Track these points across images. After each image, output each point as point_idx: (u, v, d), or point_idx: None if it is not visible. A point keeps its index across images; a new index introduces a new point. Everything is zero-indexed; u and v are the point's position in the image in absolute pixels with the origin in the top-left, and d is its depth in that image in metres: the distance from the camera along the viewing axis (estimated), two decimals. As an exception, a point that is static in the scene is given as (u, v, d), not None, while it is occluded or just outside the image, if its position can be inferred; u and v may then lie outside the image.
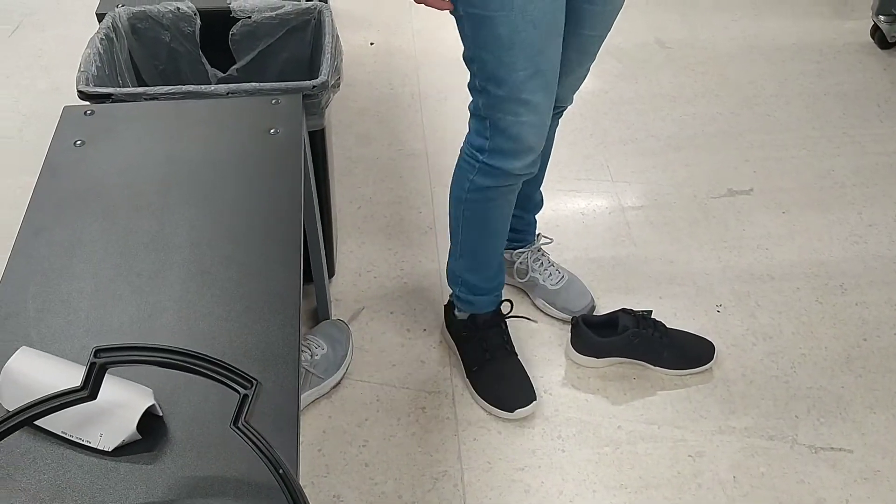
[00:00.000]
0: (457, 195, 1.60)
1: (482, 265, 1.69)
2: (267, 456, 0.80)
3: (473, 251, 1.67)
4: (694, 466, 1.61)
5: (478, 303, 1.73)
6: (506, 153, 1.45)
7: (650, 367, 1.76)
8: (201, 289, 1.05)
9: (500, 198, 1.55)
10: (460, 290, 1.72)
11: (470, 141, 1.51)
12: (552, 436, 1.66)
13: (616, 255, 2.02)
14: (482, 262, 1.68)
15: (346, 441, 1.65)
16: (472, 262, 1.68)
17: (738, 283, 1.95)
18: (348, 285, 1.95)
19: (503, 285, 1.75)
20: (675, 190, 2.18)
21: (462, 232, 1.64)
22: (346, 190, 2.19)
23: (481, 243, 1.65)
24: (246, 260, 1.10)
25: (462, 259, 1.69)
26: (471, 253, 1.67)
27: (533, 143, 1.45)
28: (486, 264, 1.68)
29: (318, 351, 1.71)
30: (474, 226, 1.62)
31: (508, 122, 1.40)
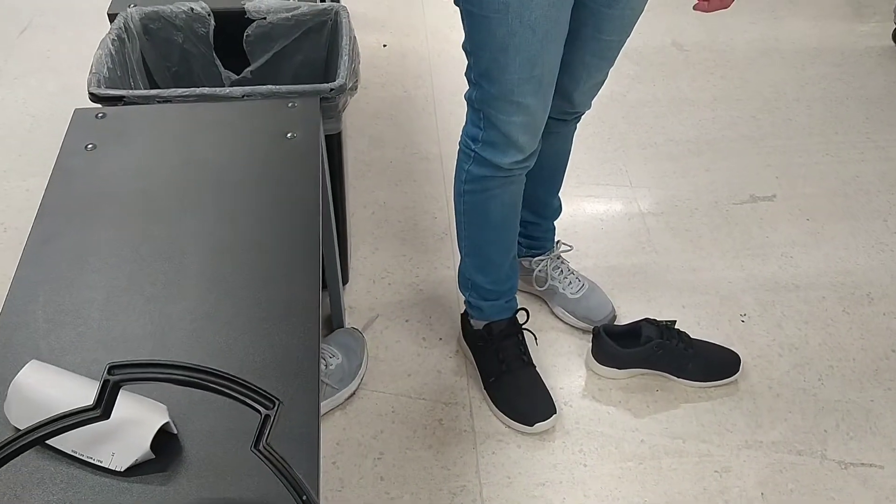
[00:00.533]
0: (457, 188, 1.57)
1: (489, 264, 1.63)
2: (290, 482, 0.76)
3: (478, 247, 1.62)
4: (720, 482, 1.56)
5: (488, 309, 1.68)
6: (497, 147, 1.43)
7: (674, 379, 1.71)
8: (217, 299, 1.01)
9: (497, 188, 1.51)
10: (471, 294, 1.68)
11: (466, 130, 1.49)
12: (573, 450, 1.61)
13: (636, 262, 1.97)
14: (488, 261, 1.63)
15: (361, 454, 1.60)
16: (478, 260, 1.63)
17: (763, 291, 1.90)
18: (362, 292, 1.90)
19: (515, 290, 1.70)
20: (696, 196, 2.13)
21: (465, 227, 1.60)
22: (359, 194, 2.14)
23: (484, 238, 1.60)
24: (263, 268, 1.06)
25: (469, 258, 1.65)
26: (475, 249, 1.63)
27: (523, 143, 1.41)
28: (494, 263, 1.63)
29: (333, 361, 1.67)
30: (474, 219, 1.58)
31: (500, 120, 1.38)
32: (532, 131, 1.41)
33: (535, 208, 1.75)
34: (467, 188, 1.53)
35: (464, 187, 1.54)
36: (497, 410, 1.65)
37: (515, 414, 1.63)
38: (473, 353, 1.72)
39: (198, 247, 1.08)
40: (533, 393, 1.65)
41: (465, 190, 1.54)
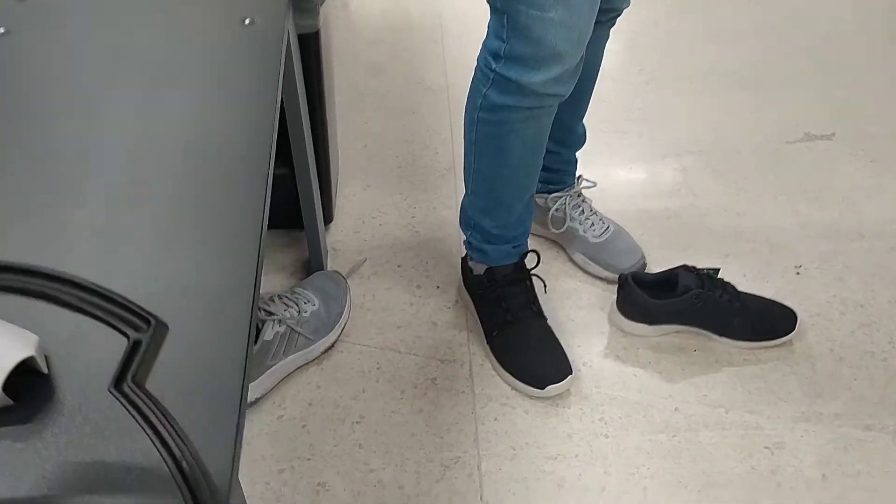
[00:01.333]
0: (469, 114, 1.28)
1: (498, 206, 1.36)
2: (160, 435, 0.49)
3: (488, 189, 1.35)
4: (772, 461, 1.28)
5: (492, 253, 1.40)
6: (524, 62, 1.13)
7: (715, 338, 1.42)
8: (132, 211, 0.75)
9: (520, 122, 1.22)
10: (472, 235, 1.41)
11: (486, 45, 1.19)
12: (592, 418, 1.33)
13: (671, 206, 1.68)
14: (498, 203, 1.36)
15: (338, 417, 1.34)
16: (486, 202, 1.36)
17: (822, 241, 1.61)
18: (348, 233, 1.63)
19: (527, 234, 1.42)
20: (742, 134, 1.84)
21: (474, 160, 1.32)
22: (350, 125, 1.87)
23: (496, 178, 1.32)
24: (196, 177, 0.80)
25: (474, 197, 1.37)
26: (484, 188, 1.35)
27: (560, 49, 1.11)
28: (504, 206, 1.36)
29: (308, 307, 1.40)
30: (487, 154, 1.30)
31: (531, 19, 1.07)
32: (571, 35, 1.10)
33: (556, 134, 1.46)
34: (482, 116, 1.25)
35: (478, 114, 1.25)
36: (501, 370, 1.38)
37: (523, 374, 1.36)
38: (475, 303, 1.45)
39: (117, 148, 0.82)
40: (543, 349, 1.38)
41: (480, 118, 1.25)
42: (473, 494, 1.24)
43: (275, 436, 1.31)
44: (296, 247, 1.60)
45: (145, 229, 0.74)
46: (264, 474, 1.26)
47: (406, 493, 1.24)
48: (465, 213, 1.42)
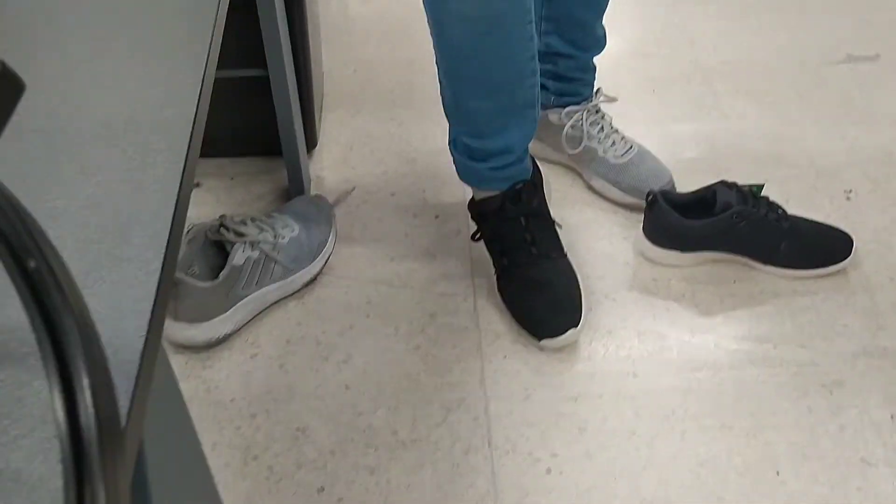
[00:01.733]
0: None
1: (461, 106, 1.11)
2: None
3: (446, 72, 1.09)
4: (831, 400, 1.09)
5: (471, 175, 1.19)
6: None
7: (758, 267, 1.23)
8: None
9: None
10: (453, 143, 1.19)
11: None
12: (618, 355, 1.14)
13: (701, 129, 1.49)
14: (458, 99, 1.10)
15: (321, 355, 1.15)
16: (450, 93, 1.10)
17: (873, 165, 1.41)
18: (335, 160, 1.44)
19: (514, 155, 1.15)
20: (777, 56, 1.65)
21: (435, 27, 1.04)
22: (338, 51, 1.68)
23: (449, 63, 1.07)
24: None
25: (443, 80, 1.11)
26: (444, 72, 1.09)
27: None
28: (465, 109, 1.11)
29: (286, 232, 1.21)
30: (433, 24, 1.04)
31: None
32: None
33: (570, 34, 1.27)
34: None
35: None
36: (506, 308, 1.19)
37: (521, 319, 1.17)
38: (480, 233, 1.25)
39: None
40: (540, 298, 1.16)
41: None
42: (480, 439, 1.05)
43: (247, 377, 1.12)
44: (274, 174, 1.41)
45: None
46: (233, 418, 1.07)
47: (400, 439, 1.05)
48: (445, 110, 1.16)
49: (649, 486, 1.00)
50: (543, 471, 1.02)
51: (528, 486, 1.01)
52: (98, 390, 0.30)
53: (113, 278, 0.42)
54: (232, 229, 1.15)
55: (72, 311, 0.30)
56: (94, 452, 0.29)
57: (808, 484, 1.00)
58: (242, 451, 1.04)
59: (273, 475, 1.02)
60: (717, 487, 1.00)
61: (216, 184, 1.39)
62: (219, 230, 1.14)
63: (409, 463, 1.03)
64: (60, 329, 0.30)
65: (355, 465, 1.03)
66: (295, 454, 1.04)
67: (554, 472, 1.02)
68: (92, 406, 0.30)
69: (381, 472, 1.02)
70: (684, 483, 1.01)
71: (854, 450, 1.04)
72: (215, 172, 1.41)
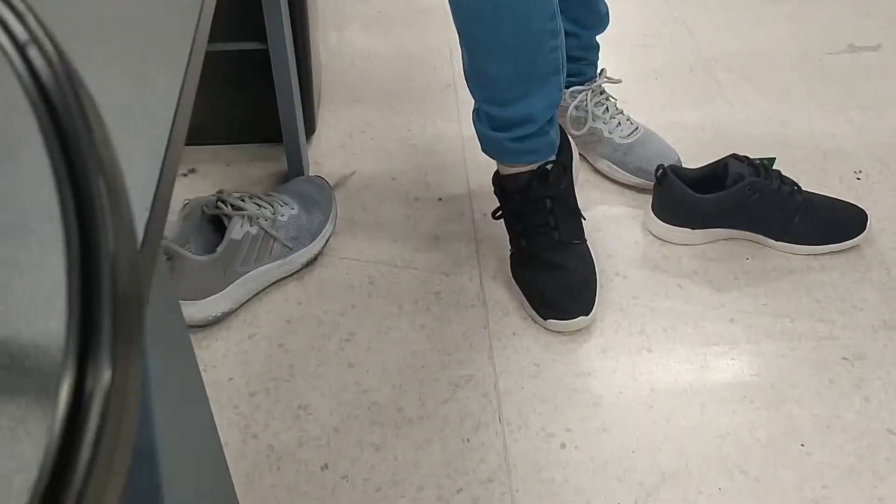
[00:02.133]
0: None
1: (484, 69, 1.06)
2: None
3: (463, 32, 1.05)
4: (854, 373, 1.05)
5: (494, 145, 1.13)
6: None
7: (771, 244, 1.20)
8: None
9: None
10: (476, 111, 1.13)
11: None
12: (631, 331, 1.10)
13: (706, 115, 1.47)
14: (480, 62, 1.06)
15: (323, 334, 1.10)
16: (472, 57, 1.06)
17: (881, 147, 1.39)
18: (334, 147, 1.41)
19: (539, 125, 1.09)
20: (778, 46, 1.64)
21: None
22: (335, 44, 1.66)
23: (465, 24, 1.04)
24: None
25: (463, 46, 1.07)
26: (462, 32, 1.05)
27: None
28: (486, 73, 1.06)
29: (286, 210, 1.17)
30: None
31: None
32: None
33: (573, 11, 1.25)
34: None
35: None
36: (515, 286, 1.15)
37: (531, 299, 1.12)
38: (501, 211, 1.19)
39: None
40: (558, 278, 1.12)
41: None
42: (491, 415, 1.00)
43: (245, 356, 1.07)
44: (271, 161, 1.37)
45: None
46: (232, 398, 1.02)
47: (407, 416, 1.00)
48: (466, 77, 1.12)
49: (669, 459, 0.96)
50: (558, 445, 0.97)
51: (541, 461, 0.96)
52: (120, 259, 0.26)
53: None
54: (230, 203, 1.11)
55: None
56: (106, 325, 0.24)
57: (835, 455, 0.96)
58: (241, 430, 0.99)
59: (274, 454, 0.97)
60: (739, 460, 0.96)
61: (211, 169, 1.36)
62: (216, 204, 1.10)
63: (416, 439, 0.98)
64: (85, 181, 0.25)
65: (360, 443, 0.98)
66: (296, 432, 0.99)
67: (569, 446, 0.97)
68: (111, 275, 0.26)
69: (387, 448, 0.97)
70: (706, 455, 0.96)
71: (880, 421, 0.99)
72: (210, 159, 1.38)
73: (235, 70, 1.29)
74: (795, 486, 0.93)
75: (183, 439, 0.49)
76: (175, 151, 0.41)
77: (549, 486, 0.93)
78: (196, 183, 1.33)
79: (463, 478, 0.94)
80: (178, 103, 0.42)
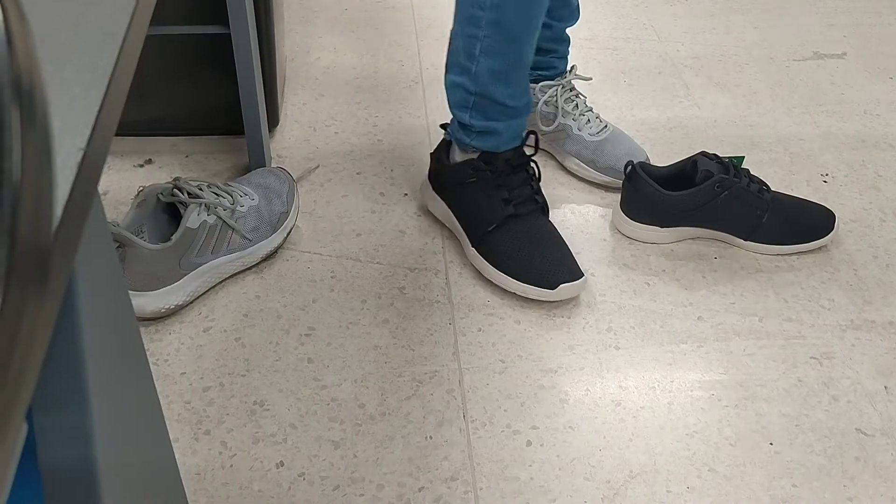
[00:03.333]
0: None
1: (518, 64, 1.10)
2: None
3: (510, 38, 1.06)
4: (822, 372, 1.04)
5: (505, 132, 1.14)
6: None
7: (740, 244, 1.19)
8: None
9: None
10: (474, 116, 1.13)
11: None
12: (599, 328, 1.08)
13: (673, 115, 1.46)
14: (519, 58, 1.09)
15: (281, 329, 1.06)
16: (506, 60, 1.07)
17: (847, 150, 1.40)
18: (297, 140, 1.37)
19: (530, 104, 1.16)
20: (745, 52, 1.64)
21: (495, 1, 1.02)
22: (300, 38, 1.62)
23: (522, 18, 1.05)
24: None
25: (489, 59, 1.07)
26: (505, 42, 1.06)
27: None
28: (523, 62, 1.10)
29: (245, 200, 1.13)
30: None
31: None
32: None
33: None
34: None
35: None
36: (497, 273, 1.11)
37: (527, 273, 1.10)
38: (456, 201, 1.18)
39: None
40: (551, 246, 1.12)
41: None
42: (455, 412, 0.97)
43: (199, 350, 1.03)
44: (232, 153, 1.33)
45: None
46: (183, 392, 0.98)
47: (368, 412, 0.96)
48: (461, 90, 1.12)
49: (637, 457, 0.93)
50: (523, 443, 0.94)
51: (506, 458, 0.93)
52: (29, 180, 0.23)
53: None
54: (186, 191, 1.07)
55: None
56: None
57: (804, 454, 0.94)
58: (193, 426, 0.95)
59: (227, 450, 0.93)
60: (708, 458, 0.93)
61: (169, 160, 1.31)
62: (172, 192, 1.06)
63: (377, 436, 0.94)
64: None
65: (318, 439, 0.94)
66: (252, 428, 0.95)
67: (535, 444, 0.94)
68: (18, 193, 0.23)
69: (346, 445, 0.93)
70: (674, 453, 0.94)
71: (849, 420, 0.98)
72: (169, 150, 1.33)
73: (197, 57, 1.26)
74: (764, 484, 0.91)
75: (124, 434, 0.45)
76: (120, 85, 0.38)
77: (513, 485, 0.90)
78: (152, 174, 1.29)
79: (425, 476, 0.91)
80: (127, 32, 0.38)
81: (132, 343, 0.46)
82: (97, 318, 0.40)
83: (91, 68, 0.37)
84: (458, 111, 1.15)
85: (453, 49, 1.12)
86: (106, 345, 0.41)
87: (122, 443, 0.44)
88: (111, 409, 0.42)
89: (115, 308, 0.43)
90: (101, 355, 0.40)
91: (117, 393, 0.44)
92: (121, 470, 0.44)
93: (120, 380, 0.45)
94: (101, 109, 0.36)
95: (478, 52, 1.07)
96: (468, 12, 1.06)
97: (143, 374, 0.50)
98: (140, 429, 0.50)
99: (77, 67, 0.37)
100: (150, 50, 1.24)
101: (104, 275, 0.41)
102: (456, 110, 1.15)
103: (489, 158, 1.14)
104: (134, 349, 0.47)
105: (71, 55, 0.37)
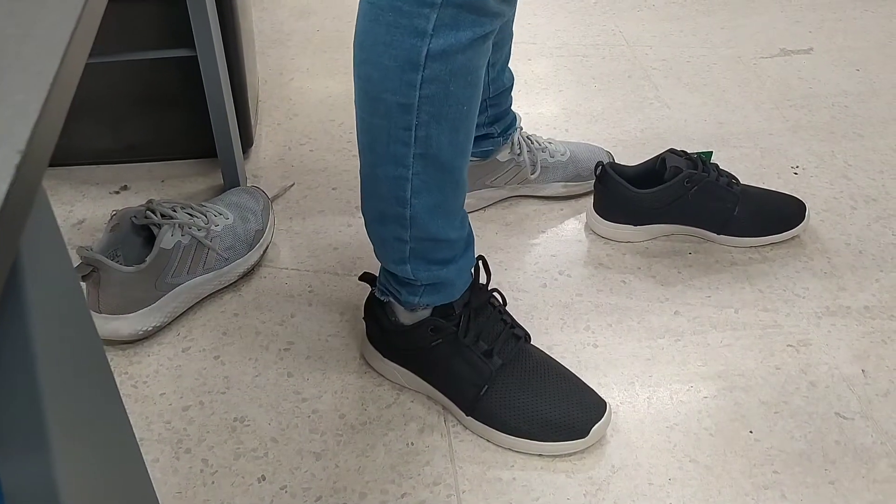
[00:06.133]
0: (399, 81, 0.81)
1: (455, 194, 0.91)
2: None
3: (445, 169, 0.87)
4: (799, 359, 1.04)
5: (457, 277, 0.94)
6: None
7: (713, 238, 1.20)
8: None
9: (481, 57, 0.83)
10: (418, 270, 0.92)
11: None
12: (576, 327, 1.09)
13: (643, 117, 1.47)
14: (456, 189, 0.90)
15: (260, 344, 1.07)
16: (441, 194, 0.88)
17: (816, 142, 1.41)
18: (272, 160, 1.38)
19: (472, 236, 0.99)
20: (713, 52, 1.66)
21: (422, 139, 0.83)
22: (273, 61, 1.64)
23: (456, 147, 0.86)
24: None
25: (425, 195, 0.87)
26: (438, 176, 0.87)
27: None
28: (461, 190, 0.91)
29: (219, 220, 1.14)
30: (446, 118, 0.83)
31: None
32: None
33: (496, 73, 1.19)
34: (430, 72, 0.79)
35: (422, 74, 0.80)
36: (508, 437, 0.93)
37: (545, 429, 0.93)
38: (424, 369, 0.98)
39: None
40: (557, 383, 0.96)
41: (427, 77, 0.80)
42: (436, 417, 0.97)
43: (178, 370, 1.03)
44: (207, 176, 1.34)
45: None
46: (163, 412, 0.98)
47: (349, 422, 0.97)
48: (395, 242, 0.91)
49: (618, 452, 0.93)
50: (505, 444, 0.94)
51: (488, 459, 0.93)
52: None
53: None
54: (160, 213, 1.07)
55: None
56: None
57: (785, 441, 0.95)
58: (173, 446, 0.94)
59: (208, 467, 0.92)
60: (689, 449, 0.94)
61: (145, 185, 1.32)
62: (146, 214, 1.07)
63: (359, 445, 0.94)
64: None
65: (300, 452, 0.94)
66: (232, 445, 0.95)
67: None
68: None
69: (328, 456, 0.93)
70: (655, 446, 0.94)
71: (828, 405, 0.99)
72: (145, 176, 1.34)
73: (168, 81, 1.27)
74: (746, 472, 0.91)
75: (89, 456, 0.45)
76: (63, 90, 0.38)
77: (496, 486, 0.90)
78: (128, 199, 1.29)
79: (408, 482, 0.91)
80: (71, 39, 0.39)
81: (97, 369, 0.46)
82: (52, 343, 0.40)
83: (35, 75, 0.38)
84: (394, 266, 0.94)
85: (373, 195, 0.91)
86: (65, 371, 0.41)
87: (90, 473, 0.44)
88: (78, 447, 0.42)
89: (74, 331, 0.43)
90: (60, 385, 0.40)
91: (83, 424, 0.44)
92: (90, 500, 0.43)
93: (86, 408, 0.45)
94: (41, 114, 0.36)
95: (409, 194, 0.87)
96: (388, 151, 0.85)
97: (112, 399, 0.50)
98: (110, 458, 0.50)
99: (21, 75, 0.38)
100: (121, 76, 1.25)
101: (58, 296, 0.41)
102: (392, 265, 0.94)
103: (446, 312, 0.95)
104: (100, 375, 0.47)
105: (14, 63, 0.38)
